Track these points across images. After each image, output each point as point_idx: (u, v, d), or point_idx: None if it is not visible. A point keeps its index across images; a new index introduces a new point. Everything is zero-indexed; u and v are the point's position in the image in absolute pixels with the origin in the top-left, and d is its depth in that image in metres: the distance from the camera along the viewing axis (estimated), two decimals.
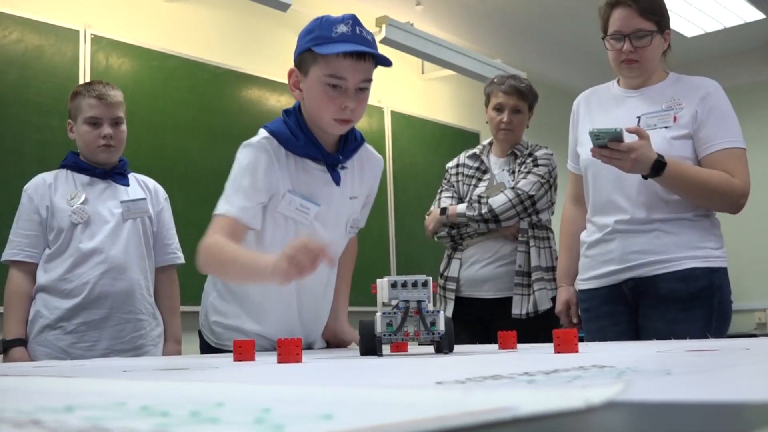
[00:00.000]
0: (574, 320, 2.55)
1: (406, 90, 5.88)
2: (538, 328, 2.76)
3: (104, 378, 0.93)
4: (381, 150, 5.47)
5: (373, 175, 2.13)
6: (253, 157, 1.86)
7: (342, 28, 1.79)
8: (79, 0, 4.12)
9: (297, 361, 1.25)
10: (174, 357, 2.36)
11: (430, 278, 1.40)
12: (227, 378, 0.91)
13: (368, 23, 5.08)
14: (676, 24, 6.10)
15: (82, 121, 2.49)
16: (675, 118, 2.27)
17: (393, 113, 5.61)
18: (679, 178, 2.18)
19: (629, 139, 2.14)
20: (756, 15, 6.16)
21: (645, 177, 2.18)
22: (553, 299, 2.90)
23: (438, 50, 5.31)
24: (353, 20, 1.81)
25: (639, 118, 2.31)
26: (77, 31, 4.01)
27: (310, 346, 2.10)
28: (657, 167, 2.14)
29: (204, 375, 0.97)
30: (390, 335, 1.35)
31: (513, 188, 2.96)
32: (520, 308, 2.91)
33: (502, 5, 5.91)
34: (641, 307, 2.31)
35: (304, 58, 1.86)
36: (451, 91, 6.02)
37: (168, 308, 2.65)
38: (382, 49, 5.19)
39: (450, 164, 3.24)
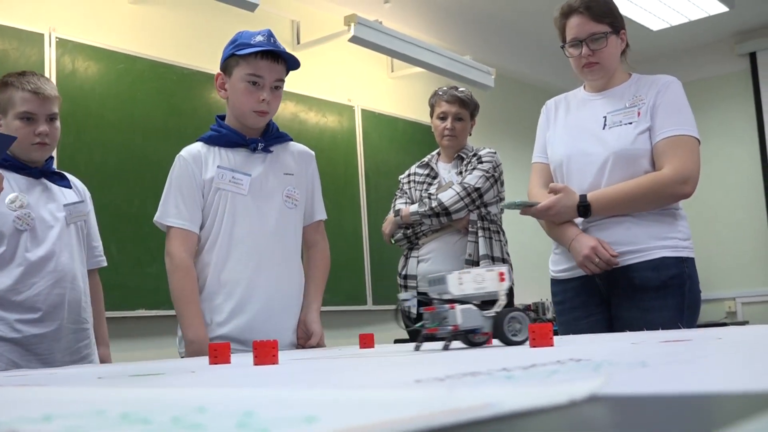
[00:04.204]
0: (613, 254, 2.31)
1: (376, 88, 5.88)
2: None
3: (80, 386, 0.92)
4: (352, 148, 5.50)
5: (305, 161, 2.42)
6: (177, 169, 2.25)
7: (259, 38, 2.23)
8: (44, 3, 4.07)
9: (273, 363, 1.25)
10: (148, 362, 2.34)
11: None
12: (205, 382, 0.90)
13: (336, 22, 5.09)
14: (641, 18, 6.15)
15: (14, 115, 2.31)
16: (639, 114, 2.36)
17: (363, 111, 5.61)
18: (609, 207, 2.32)
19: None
20: (719, 8, 6.25)
21: (583, 216, 2.34)
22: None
23: (407, 48, 5.31)
24: (269, 33, 2.25)
25: (605, 117, 2.41)
26: (42, 35, 3.96)
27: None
28: (583, 209, 2.31)
29: (181, 379, 0.96)
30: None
31: (460, 183, 3.13)
32: None
33: (470, 1, 5.93)
34: (614, 297, 2.36)
35: (228, 63, 2.27)
36: (420, 88, 6.03)
37: (97, 312, 2.55)
38: (351, 48, 5.22)
39: (402, 175, 3.43)
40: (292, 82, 5.09)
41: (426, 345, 1.43)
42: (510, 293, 3.16)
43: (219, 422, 0.39)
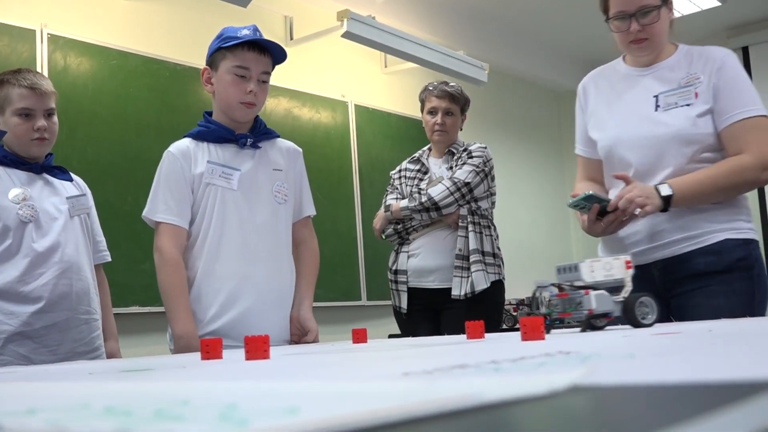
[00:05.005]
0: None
1: (369, 84, 5.88)
2: (475, 307, 2.96)
3: (68, 381, 0.92)
4: (346, 144, 5.50)
5: (293, 157, 2.42)
6: (166, 165, 2.26)
7: (245, 32, 2.25)
8: None
9: (265, 358, 1.25)
10: (140, 358, 2.34)
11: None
12: (194, 377, 0.90)
13: (329, 17, 5.09)
14: None
15: (12, 112, 2.34)
16: (696, 95, 2.16)
17: (357, 107, 5.61)
18: (691, 199, 2.08)
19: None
20: (712, 2, 6.25)
21: (663, 210, 2.08)
22: (495, 283, 3.09)
23: (400, 43, 5.30)
24: (254, 27, 2.28)
25: (656, 97, 2.21)
26: (33, 31, 3.94)
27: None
28: (665, 200, 2.05)
29: (170, 374, 0.96)
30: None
31: (450, 178, 3.13)
32: (459, 290, 3.05)
33: None
34: (677, 287, 2.16)
35: (214, 57, 2.28)
36: (414, 83, 6.01)
37: (104, 306, 2.58)
38: (344, 43, 5.21)
39: (393, 171, 3.43)
40: (286, 77, 5.10)
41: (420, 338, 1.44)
42: (501, 288, 3.17)
43: (201, 414, 0.39)
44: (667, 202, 2.06)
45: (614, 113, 2.29)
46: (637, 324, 1.45)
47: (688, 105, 2.16)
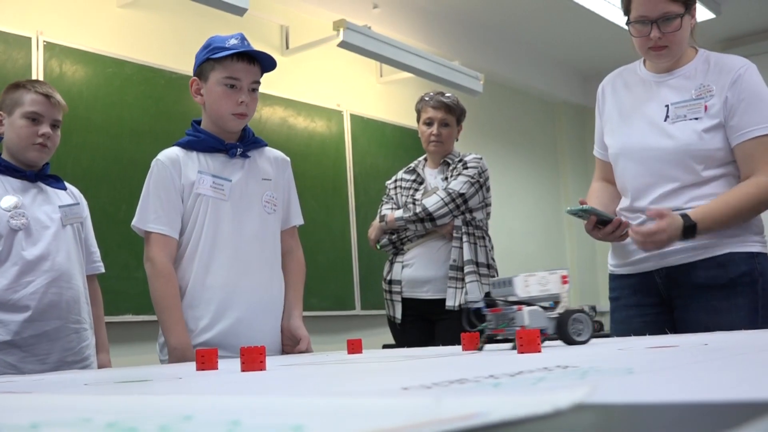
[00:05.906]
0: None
1: (364, 93, 5.88)
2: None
3: (67, 393, 0.91)
4: (341, 153, 5.51)
5: (281, 166, 2.42)
6: (155, 173, 2.24)
7: (233, 41, 2.24)
8: (31, 6, 4.05)
9: (261, 369, 1.25)
10: (134, 368, 2.33)
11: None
12: (192, 389, 0.90)
13: (325, 27, 5.10)
14: None
15: (20, 114, 2.36)
16: (705, 108, 2.13)
17: (352, 116, 5.61)
18: (713, 227, 2.06)
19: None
20: (706, 15, 6.28)
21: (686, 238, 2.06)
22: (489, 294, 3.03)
23: (396, 53, 5.32)
24: (241, 36, 2.27)
25: (668, 107, 2.18)
26: (29, 38, 3.93)
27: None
28: (689, 231, 2.03)
29: (168, 386, 0.96)
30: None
31: (444, 189, 3.14)
32: (453, 300, 3.05)
33: (459, 7, 5.94)
34: (678, 298, 2.15)
35: (203, 68, 2.28)
36: (409, 93, 6.03)
37: (96, 318, 2.56)
38: (340, 53, 5.22)
39: (389, 181, 3.43)
40: (281, 86, 5.11)
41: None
42: None
43: (206, 430, 0.39)
44: (690, 234, 2.03)
45: (625, 121, 2.28)
46: (570, 341, 1.38)
47: (696, 119, 2.13)
